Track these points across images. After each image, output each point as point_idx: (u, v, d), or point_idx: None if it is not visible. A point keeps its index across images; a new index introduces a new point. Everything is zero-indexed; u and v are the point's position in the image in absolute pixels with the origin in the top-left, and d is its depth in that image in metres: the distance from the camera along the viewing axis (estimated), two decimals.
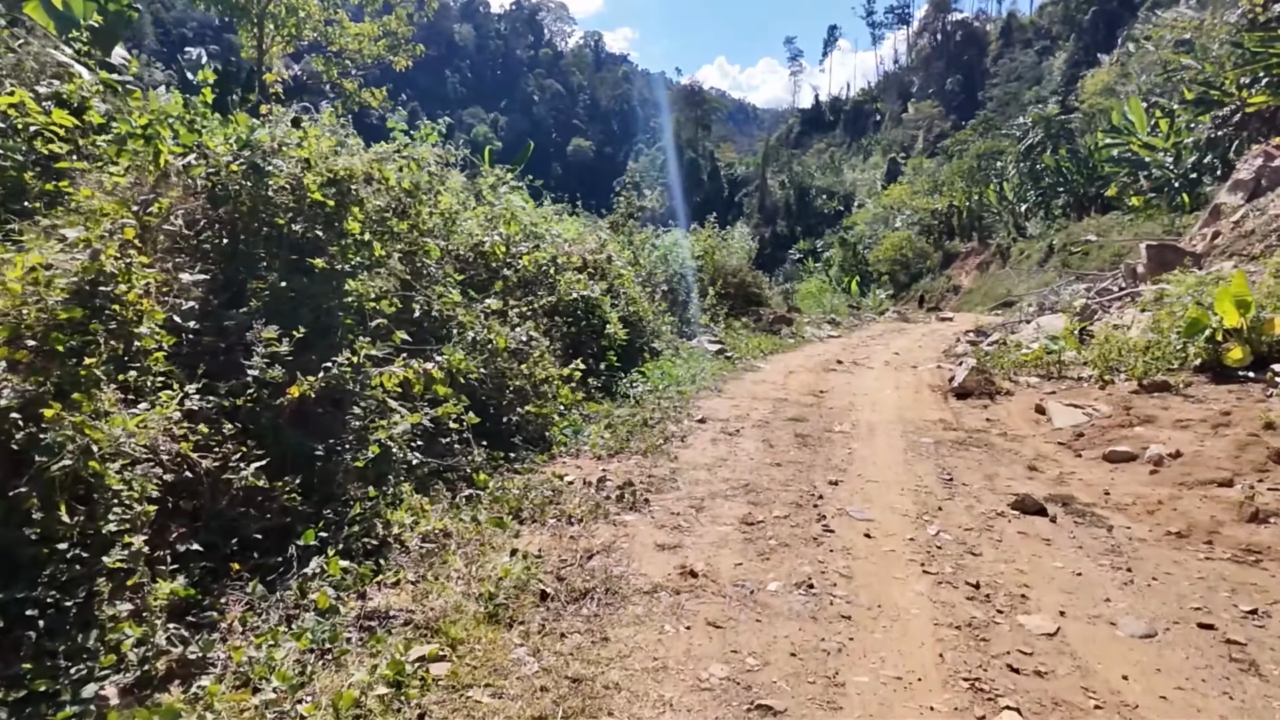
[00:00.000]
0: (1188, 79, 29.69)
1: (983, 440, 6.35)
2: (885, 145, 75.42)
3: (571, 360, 6.70)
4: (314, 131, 4.44)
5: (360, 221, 4.39)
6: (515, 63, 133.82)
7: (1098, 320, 12.59)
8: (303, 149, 4.23)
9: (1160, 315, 8.92)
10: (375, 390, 3.58)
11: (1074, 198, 37.25)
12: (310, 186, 4.04)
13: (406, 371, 3.51)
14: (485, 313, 5.26)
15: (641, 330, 8.83)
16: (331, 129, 5.03)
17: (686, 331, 11.66)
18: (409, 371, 3.51)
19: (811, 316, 17.37)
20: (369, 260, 4.22)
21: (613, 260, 9.15)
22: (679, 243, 13.29)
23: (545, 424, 5.45)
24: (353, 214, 4.24)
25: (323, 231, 4.25)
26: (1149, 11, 54.19)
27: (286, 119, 4.45)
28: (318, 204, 4.19)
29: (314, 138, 4.40)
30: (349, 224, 4.13)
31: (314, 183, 4.11)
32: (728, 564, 3.67)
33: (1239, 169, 14.83)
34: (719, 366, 9.66)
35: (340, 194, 4.26)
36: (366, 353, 3.55)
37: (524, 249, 6.68)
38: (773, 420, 6.88)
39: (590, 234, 9.68)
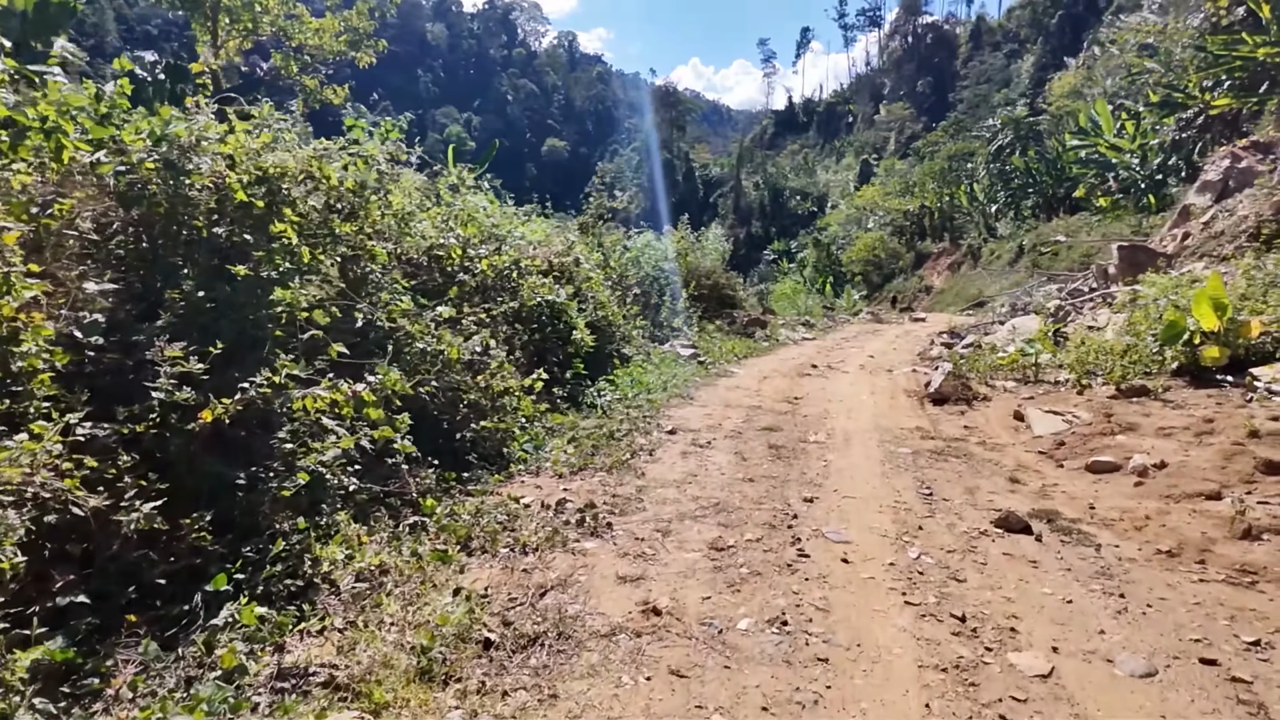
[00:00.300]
0: (1152, 82, 30.10)
1: (961, 450, 6.12)
2: (858, 147, 75.93)
3: (535, 369, 6.36)
4: (241, 126, 4.05)
5: (295, 223, 4.01)
6: (488, 62, 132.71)
7: (1071, 321, 12.52)
8: (226, 144, 3.83)
9: (1136, 317, 8.80)
10: (301, 412, 3.21)
11: (1043, 199, 37.68)
12: (233, 185, 3.65)
13: (334, 393, 3.15)
14: (436, 321, 4.89)
15: (611, 336, 8.50)
16: (266, 123, 4.63)
17: (659, 335, 11.36)
18: (337, 393, 3.14)
19: (786, 318, 17.17)
20: (299, 266, 3.84)
21: (581, 263, 8.81)
22: (651, 244, 12.98)
23: (504, 440, 5.10)
24: (284, 215, 3.86)
25: (251, 235, 3.87)
26: (1113, 16, 55.10)
27: (209, 111, 4.04)
28: (245, 205, 3.80)
29: (242, 132, 4.01)
30: (276, 226, 3.74)
31: (238, 181, 3.72)
32: (695, 598, 3.36)
33: (1207, 170, 14.91)
34: (692, 372, 9.37)
35: (270, 194, 3.88)
36: (289, 371, 3.17)
37: (484, 252, 6.31)
38: (746, 430, 6.60)
39: (558, 236, 9.33)
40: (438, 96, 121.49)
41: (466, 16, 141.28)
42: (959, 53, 78.79)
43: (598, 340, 7.96)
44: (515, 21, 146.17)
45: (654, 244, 13.03)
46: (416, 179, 7.66)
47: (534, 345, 6.80)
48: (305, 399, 3.13)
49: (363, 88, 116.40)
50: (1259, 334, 7.01)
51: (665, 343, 11.21)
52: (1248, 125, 23.85)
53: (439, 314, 4.90)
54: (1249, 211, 12.04)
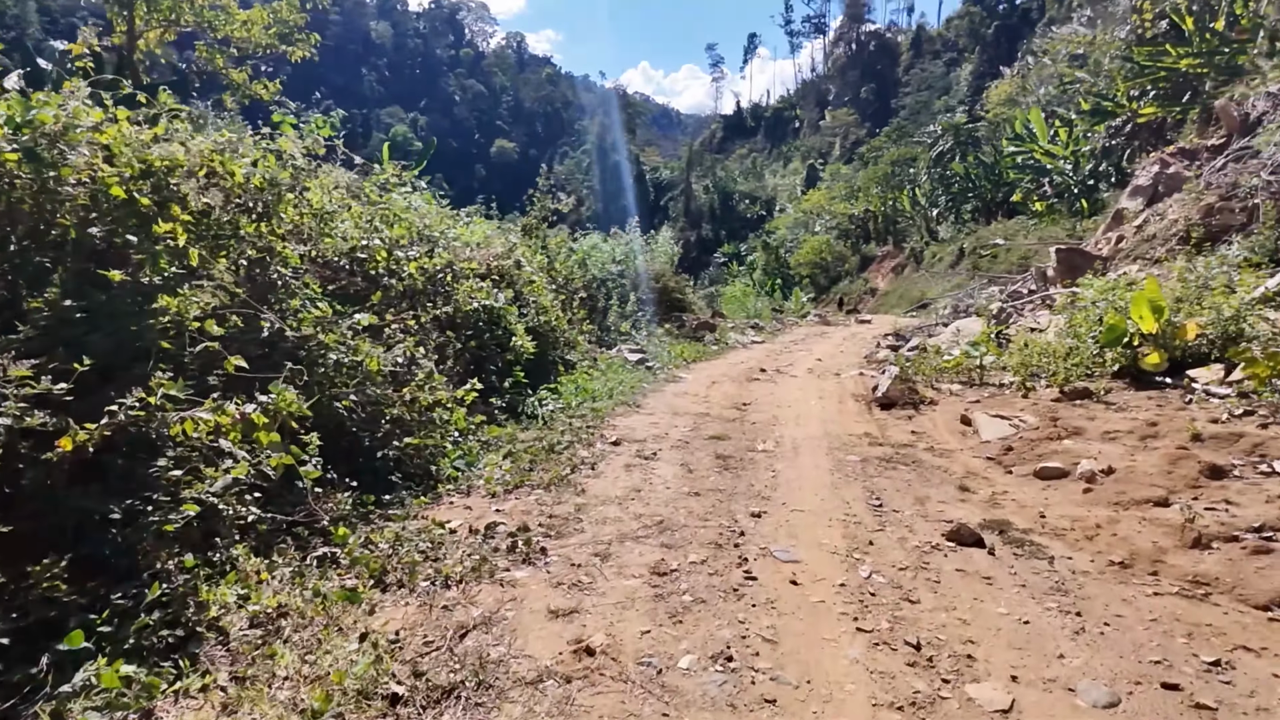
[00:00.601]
0: (1082, 91, 31.23)
1: (910, 456, 6.00)
2: (804, 151, 77.10)
3: (471, 379, 6.00)
4: (122, 114, 3.60)
5: (188, 223, 3.58)
6: (435, 62, 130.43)
7: (1013, 323, 12.71)
8: (103, 133, 3.39)
9: (1076, 319, 8.89)
10: (183, 436, 2.81)
11: (982, 203, 38.74)
12: (108, 180, 3.22)
13: (219, 415, 2.76)
14: (355, 330, 4.50)
15: (554, 342, 8.17)
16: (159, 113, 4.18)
17: (607, 340, 11.07)
18: (222, 415, 2.75)
19: (736, 321, 17.08)
20: (191, 270, 3.41)
21: (522, 266, 8.45)
22: (598, 247, 12.68)
23: (433, 457, 4.74)
24: (172, 213, 3.43)
25: (136, 236, 3.43)
26: (1046, 27, 57.24)
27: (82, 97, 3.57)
28: (127, 202, 3.37)
29: (126, 121, 3.56)
30: (160, 226, 3.32)
31: (118, 176, 3.28)
32: (633, 632, 3.07)
33: (1138, 176, 15.38)
34: (639, 378, 9.10)
35: (156, 190, 3.45)
36: (168, 390, 2.77)
37: (413, 254, 5.90)
38: (693, 440, 6.35)
39: (499, 238, 8.95)
40: (383, 96, 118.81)
41: (412, 15, 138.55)
42: (901, 60, 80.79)
43: (540, 347, 7.62)
44: (462, 21, 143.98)
45: (601, 246, 12.73)
46: (345, 177, 7.21)
47: (470, 353, 6.43)
48: (185, 422, 2.73)
49: (305, 86, 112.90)
50: (1195, 336, 7.10)
51: (613, 347, 10.92)
52: (1172, 133, 24.85)
53: (358, 322, 4.51)
54: (1178, 215, 12.41)
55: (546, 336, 7.91)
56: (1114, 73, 30.22)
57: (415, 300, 5.69)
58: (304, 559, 3.45)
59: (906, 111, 68.66)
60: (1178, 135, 23.44)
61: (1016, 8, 70.26)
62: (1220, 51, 20.96)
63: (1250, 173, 11.77)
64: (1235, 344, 6.86)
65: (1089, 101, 27.87)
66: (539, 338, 7.68)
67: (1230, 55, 21.06)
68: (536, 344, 7.50)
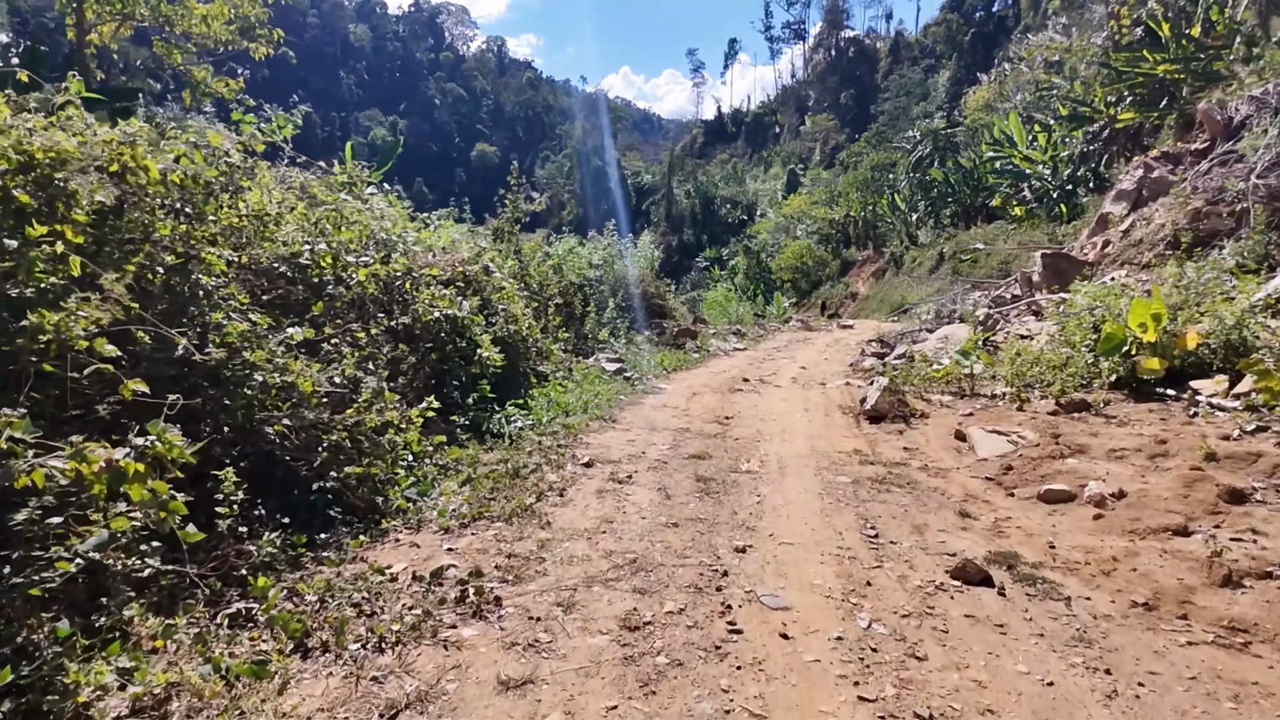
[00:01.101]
0: (1060, 96, 31.34)
1: (904, 477, 5.58)
2: (785, 156, 77.12)
3: (431, 396, 5.49)
4: None
5: (81, 223, 3.06)
6: (415, 65, 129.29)
7: (1000, 330, 12.41)
8: None
9: (1069, 327, 8.56)
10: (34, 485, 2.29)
11: (961, 207, 38.78)
12: None
13: (79, 463, 2.24)
14: (288, 345, 3.99)
15: (525, 352, 7.68)
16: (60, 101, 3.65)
17: (583, 349, 10.58)
18: (85, 464, 2.23)
19: (718, 328, 16.67)
20: (71, 280, 2.89)
21: (491, 272, 7.95)
22: (575, 251, 12.20)
23: (381, 486, 4.23)
24: (58, 213, 2.92)
25: (14, 239, 2.90)
26: (1022, 35, 57.72)
27: None
28: None
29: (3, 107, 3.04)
30: (34, 229, 2.80)
31: None
32: (596, 708, 2.59)
33: (1121, 180, 15.20)
34: (616, 390, 8.63)
35: (40, 186, 2.93)
36: (14, 433, 2.25)
37: (366, 260, 5.38)
38: (672, 459, 5.89)
39: (466, 242, 8.44)
40: (362, 99, 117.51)
41: (391, 19, 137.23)
42: (879, 67, 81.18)
43: (509, 358, 7.13)
44: (442, 25, 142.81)
45: (578, 250, 12.25)
46: (300, 177, 6.67)
47: (430, 368, 5.92)
48: (34, 473, 2.21)
49: (283, 89, 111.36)
50: (1196, 345, 6.77)
51: (590, 356, 10.44)
52: (1149, 139, 24.89)
53: (290, 336, 3.99)
54: (1165, 220, 12.19)
55: (516, 347, 7.41)
56: (1091, 79, 30.35)
57: (365, 311, 5.17)
58: (214, 617, 2.93)
59: (885, 117, 68.91)
60: (1155, 141, 23.45)
61: (993, 15, 70.92)
62: (1196, 57, 20.96)
63: (1237, 177, 11.57)
64: (1238, 354, 6.53)
65: (1067, 107, 27.91)
66: (508, 348, 7.18)
67: (1207, 61, 21.06)
68: (505, 355, 7.00)
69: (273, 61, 15.54)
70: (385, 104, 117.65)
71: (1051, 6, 56.98)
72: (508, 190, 10.46)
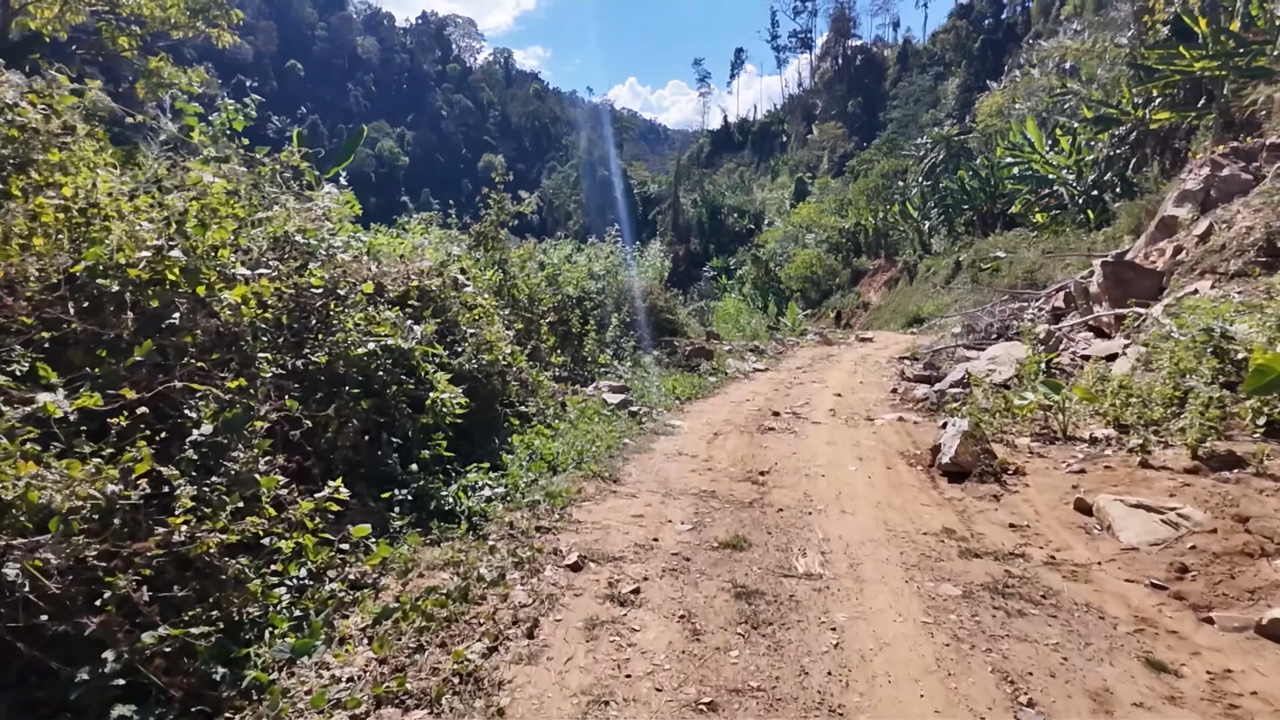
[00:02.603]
0: (1082, 98, 29.72)
1: (1033, 582, 3.80)
2: (792, 165, 75.45)
3: (350, 467, 3.76)
4: None
5: None
6: (422, 77, 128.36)
7: (1064, 350, 10.61)
8: None
9: (1177, 351, 6.78)
10: None
11: (977, 215, 37.05)
12: None
13: None
14: (39, 423, 2.26)
15: (503, 388, 5.93)
16: None
17: (580, 375, 8.82)
18: None
19: (733, 344, 14.88)
20: None
21: (461, 285, 6.23)
22: (573, 260, 10.50)
23: (216, 655, 2.49)
24: None
25: None
26: (1033, 41, 56.00)
27: None
28: None
29: None
30: None
31: None
32: None
33: (1185, 180, 13.37)
34: (619, 430, 6.86)
35: None
36: None
37: (263, 272, 3.63)
38: (697, 553, 4.10)
39: (432, 248, 6.70)
40: (369, 111, 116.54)
41: (399, 31, 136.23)
42: (887, 74, 79.47)
43: (479, 398, 5.39)
44: (450, 37, 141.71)
45: (576, 259, 10.56)
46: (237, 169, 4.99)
47: (359, 421, 4.18)
48: None
49: (291, 101, 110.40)
50: None
51: (589, 384, 8.68)
52: (1180, 141, 23.19)
53: (44, 409, 2.26)
54: (1253, 223, 10.38)
55: (491, 382, 5.66)
56: (1116, 79, 28.68)
57: (240, 348, 3.42)
58: None
59: (894, 125, 67.26)
60: (1192, 142, 21.74)
61: (1002, 23, 69.25)
62: (1238, 53, 19.21)
63: None
64: None
65: (1092, 109, 26.19)
66: (478, 386, 5.44)
67: (1250, 57, 19.28)
68: (474, 395, 5.26)
69: (281, 74, 14.02)
70: (393, 115, 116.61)
71: (1065, 11, 55.38)
72: (490, 188, 8.71)
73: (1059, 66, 42.66)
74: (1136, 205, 21.10)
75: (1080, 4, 50.46)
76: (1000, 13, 69.91)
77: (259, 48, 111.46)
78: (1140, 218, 19.61)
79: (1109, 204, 25.06)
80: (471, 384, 5.37)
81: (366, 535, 3.62)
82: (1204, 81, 21.28)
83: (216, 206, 3.52)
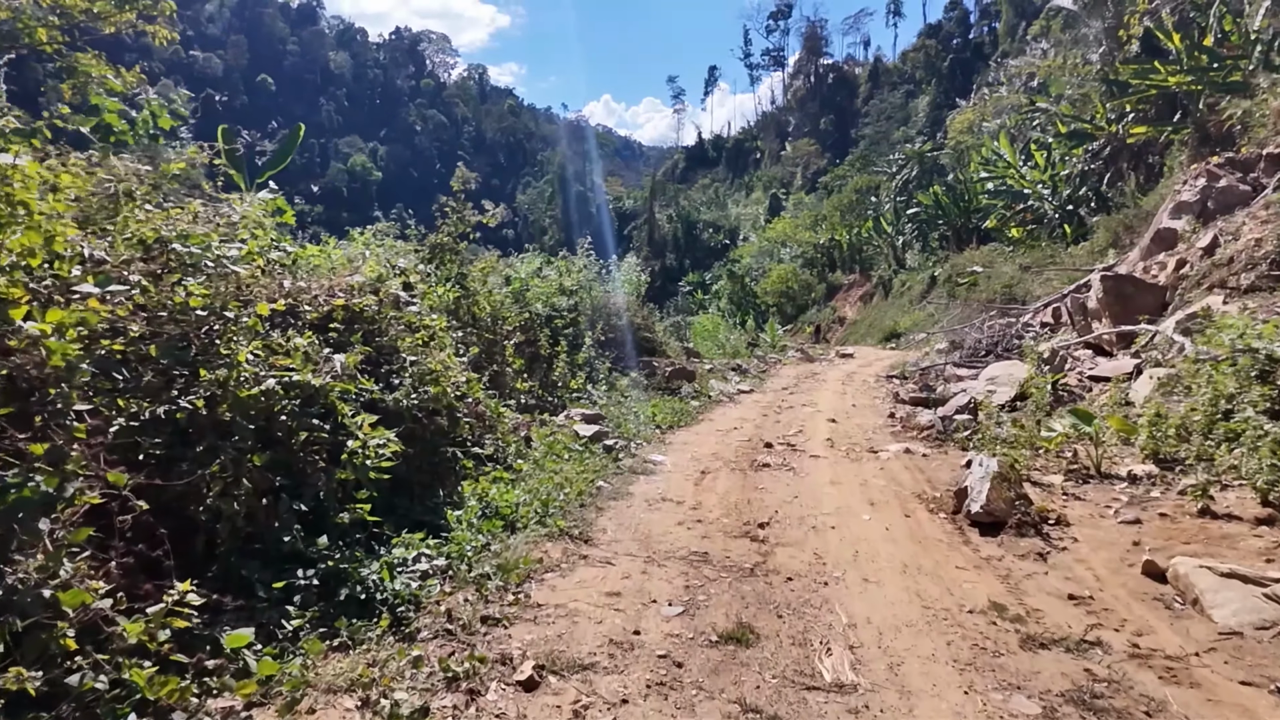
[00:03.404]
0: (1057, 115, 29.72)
1: (1122, 687, 2.90)
2: (766, 181, 75.44)
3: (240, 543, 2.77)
4: None
5: None
6: (395, 92, 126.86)
7: (1070, 369, 9.88)
8: None
9: (1217, 376, 6.00)
10: None
11: (952, 230, 36.90)
12: None
13: None
14: None
15: (451, 426, 4.93)
16: None
17: (550, 401, 7.84)
18: None
19: (714, 364, 13.98)
20: None
21: (405, 304, 5.24)
22: (543, 274, 9.54)
23: None
24: None
25: None
26: (1000, 60, 56.57)
27: None
28: None
29: None
30: None
31: None
32: None
33: (1180, 191, 12.85)
34: (593, 471, 5.88)
35: None
36: None
37: (122, 287, 2.62)
38: (689, 656, 3.13)
39: (372, 262, 5.69)
40: (341, 125, 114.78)
41: (372, 46, 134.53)
42: (859, 92, 79.98)
43: (420, 442, 4.40)
44: (423, 53, 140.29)
45: (546, 273, 9.61)
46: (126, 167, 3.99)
47: (253, 479, 3.18)
48: None
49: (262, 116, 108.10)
50: None
51: (561, 411, 7.71)
52: (1154, 156, 23.04)
53: None
54: (1262, 234, 9.78)
55: (435, 420, 4.68)
56: (1085, 96, 28.66)
57: (48, 396, 2.42)
58: None
59: (867, 141, 67.58)
60: (1167, 156, 21.52)
61: (970, 42, 70.16)
62: (1212, 68, 19.05)
63: None
64: None
65: (1066, 125, 26.06)
66: (419, 425, 4.45)
67: (1226, 71, 19.09)
68: (413, 438, 4.28)
69: (252, 88, 12.79)
70: (365, 130, 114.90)
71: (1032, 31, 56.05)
72: (449, 196, 7.70)
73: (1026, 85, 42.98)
74: (1114, 219, 20.78)
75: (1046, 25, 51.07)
76: (968, 33, 70.83)
77: (229, 61, 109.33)
78: (1118, 232, 19.24)
79: (1085, 218, 24.87)
80: (411, 424, 4.37)
81: (247, 644, 2.62)
82: (1178, 96, 21.15)
83: (23, 200, 2.51)
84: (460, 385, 5.27)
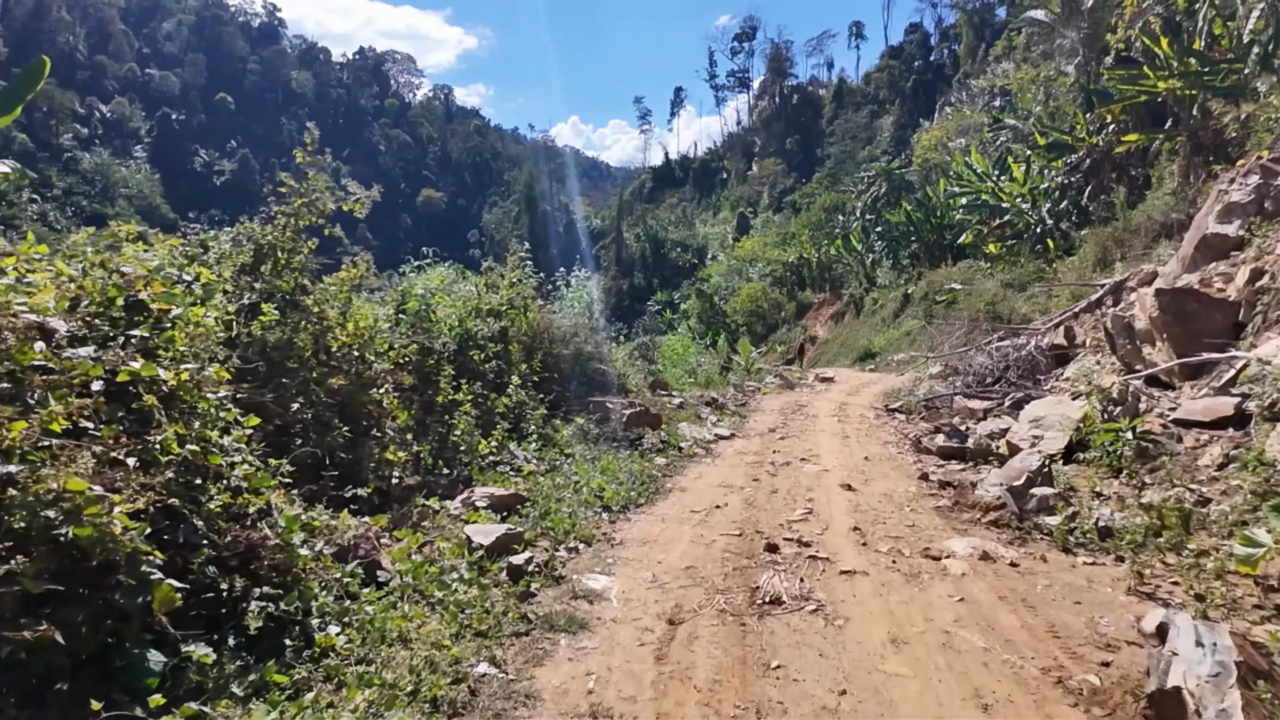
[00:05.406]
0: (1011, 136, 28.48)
1: None
2: (733, 201, 73.98)
3: None
4: None
5: None
6: (359, 112, 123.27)
7: (1145, 409, 7.57)
8: None
9: None
10: None
11: (924, 247, 35.25)
12: None
13: None
14: None
15: (141, 611, 2.30)
16: None
17: (443, 482, 5.22)
18: None
19: (685, 397, 11.45)
20: None
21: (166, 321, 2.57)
22: (456, 289, 6.94)
23: None
24: None
25: None
26: (961, 80, 55.88)
27: None
28: None
29: None
30: None
31: None
32: None
33: (1230, 191, 10.76)
34: (473, 639, 3.27)
35: None
36: None
37: None
38: None
39: (136, 261, 3.08)
40: None
41: (335, 66, 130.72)
42: (824, 113, 79.13)
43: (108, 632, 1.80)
44: (388, 73, 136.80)
45: (460, 288, 7.04)
46: None
47: None
48: None
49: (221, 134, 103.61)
50: None
51: (463, 489, 5.10)
52: (1136, 167, 21.48)
53: None
54: None
55: (193, 565, 2.06)
56: (1062, 107, 27.30)
57: None
58: None
59: (833, 161, 66.54)
60: (1155, 167, 19.92)
61: (931, 64, 69.81)
62: (1204, 73, 17.39)
63: None
64: None
65: (1045, 136, 24.42)
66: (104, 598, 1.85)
67: (1222, 75, 17.39)
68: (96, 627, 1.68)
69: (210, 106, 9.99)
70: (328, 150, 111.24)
71: (994, 51, 55.45)
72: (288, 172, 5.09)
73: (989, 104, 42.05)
74: (1102, 232, 18.91)
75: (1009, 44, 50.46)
76: (929, 55, 70.48)
77: (186, 80, 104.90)
78: (1107, 245, 17.42)
79: (1068, 232, 23.14)
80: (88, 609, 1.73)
81: None
82: (1167, 104, 19.53)
83: None
84: (230, 492, 2.64)
